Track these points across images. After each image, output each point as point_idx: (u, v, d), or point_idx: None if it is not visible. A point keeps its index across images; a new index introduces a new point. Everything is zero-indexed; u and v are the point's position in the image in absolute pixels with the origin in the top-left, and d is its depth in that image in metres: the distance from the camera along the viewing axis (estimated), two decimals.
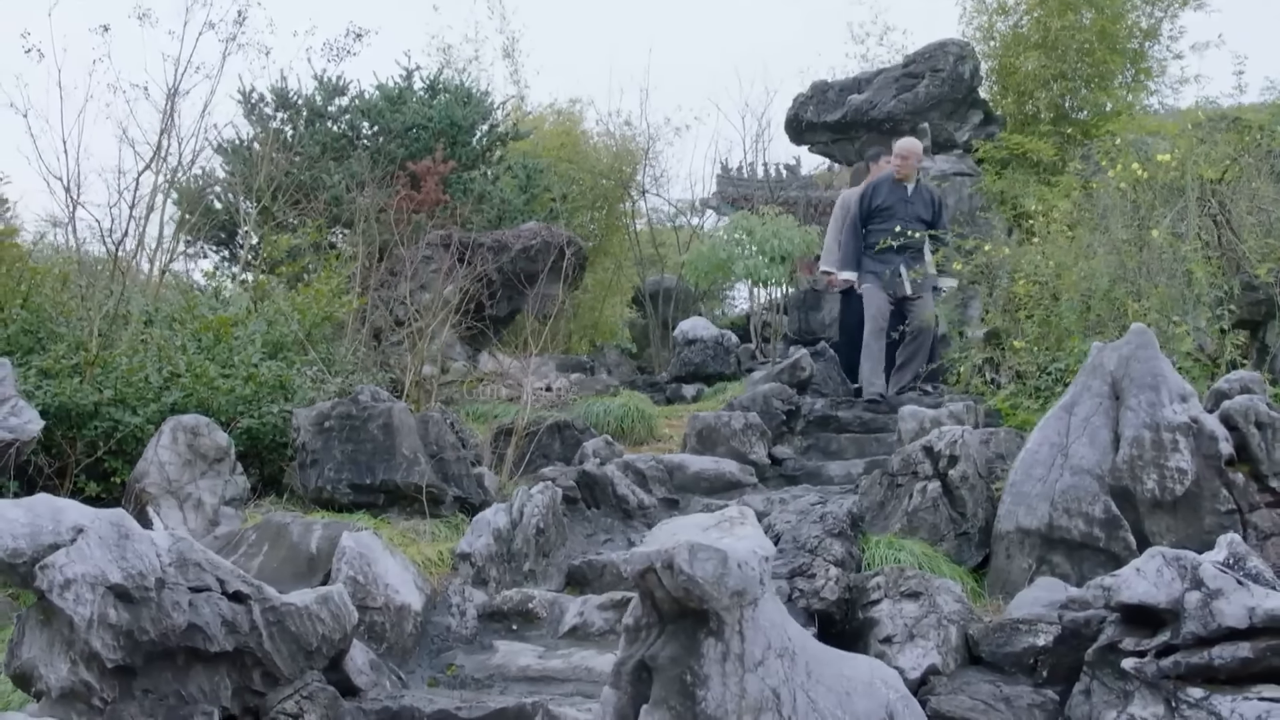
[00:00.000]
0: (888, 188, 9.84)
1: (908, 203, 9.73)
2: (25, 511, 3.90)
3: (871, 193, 9.86)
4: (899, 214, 9.64)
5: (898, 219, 9.56)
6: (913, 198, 9.79)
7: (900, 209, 9.68)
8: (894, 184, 9.84)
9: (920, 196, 9.83)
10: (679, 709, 3.23)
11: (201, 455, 5.95)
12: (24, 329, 7.14)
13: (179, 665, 3.94)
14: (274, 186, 10.93)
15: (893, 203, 9.72)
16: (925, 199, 9.83)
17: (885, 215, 9.66)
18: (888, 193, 9.80)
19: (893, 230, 9.40)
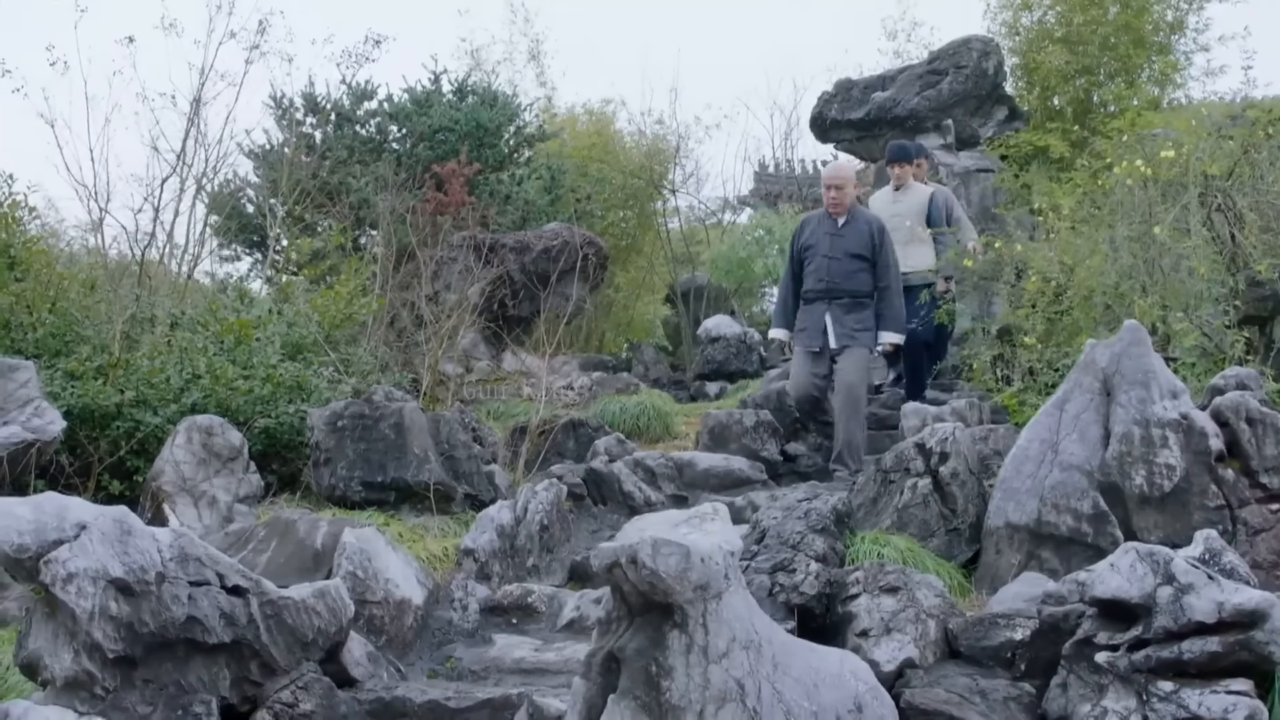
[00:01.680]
0: (815, 222, 8.23)
1: (836, 237, 8.00)
2: (32, 509, 4.06)
3: (800, 230, 8.32)
4: (824, 251, 8.01)
5: (823, 257, 8.01)
6: (844, 230, 8.01)
7: (826, 246, 8.02)
8: (823, 217, 8.20)
9: (854, 229, 8.00)
10: (644, 699, 3.34)
11: (216, 454, 6.12)
12: (51, 333, 7.36)
13: (179, 656, 4.09)
14: (300, 190, 11.13)
15: (818, 240, 8.07)
16: (862, 231, 7.98)
17: (810, 255, 8.10)
18: (814, 228, 8.17)
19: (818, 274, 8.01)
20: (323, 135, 14.06)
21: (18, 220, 7.57)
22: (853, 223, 8.02)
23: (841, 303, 7.88)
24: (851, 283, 7.91)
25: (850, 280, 7.90)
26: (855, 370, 7.82)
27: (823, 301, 7.92)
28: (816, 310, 7.95)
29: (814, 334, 7.93)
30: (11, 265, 7.41)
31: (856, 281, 7.91)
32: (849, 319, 7.84)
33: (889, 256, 7.97)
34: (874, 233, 7.95)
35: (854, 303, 7.89)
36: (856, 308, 7.89)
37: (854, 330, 7.85)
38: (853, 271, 7.90)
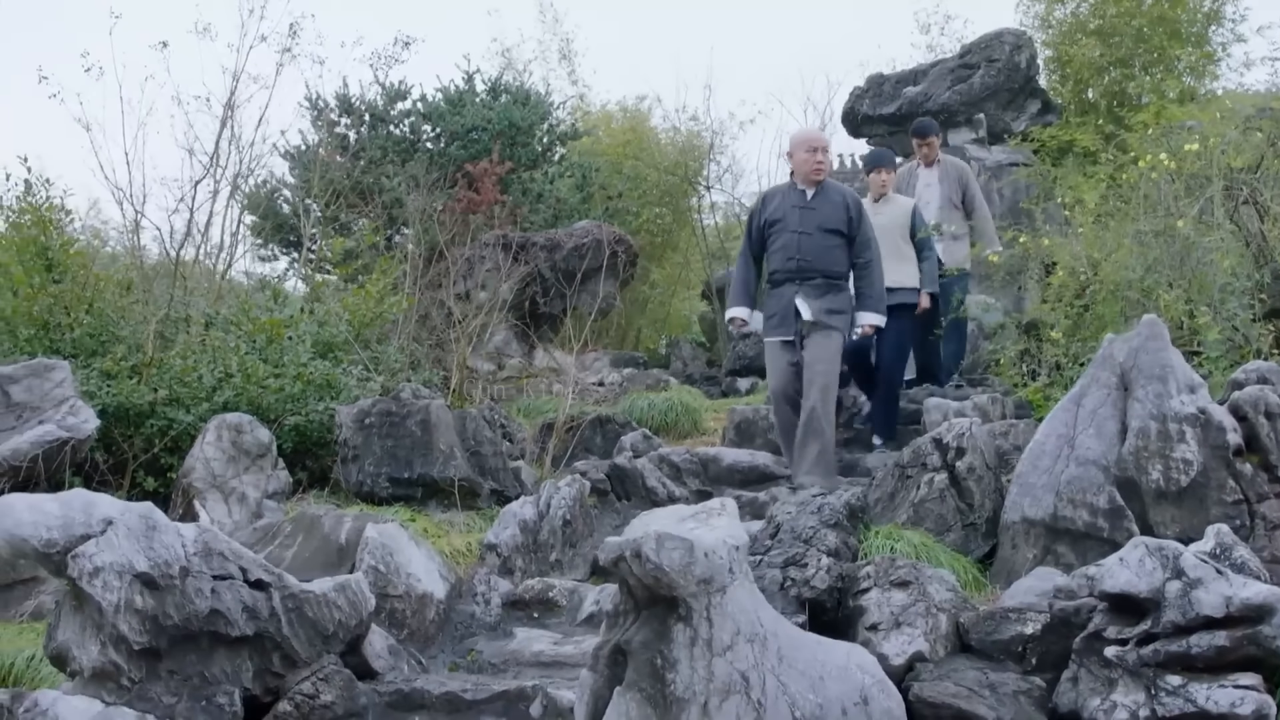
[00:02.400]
0: (781, 195, 7.26)
1: (806, 211, 7.04)
2: (60, 505, 4.18)
3: (760, 205, 7.38)
4: (793, 226, 7.04)
5: (792, 233, 7.04)
6: (815, 203, 7.05)
7: (795, 221, 7.04)
8: (790, 189, 7.24)
9: (827, 202, 7.06)
10: (649, 691, 3.40)
11: (245, 451, 6.24)
12: (89, 333, 7.53)
13: (203, 648, 4.20)
14: (334, 190, 11.27)
15: (785, 214, 7.09)
16: (835, 203, 7.05)
17: (777, 231, 7.11)
18: (780, 202, 7.19)
19: (786, 251, 7.06)
20: (357, 136, 14.24)
21: (54, 223, 7.73)
22: (824, 194, 7.06)
23: (814, 284, 6.91)
24: (825, 261, 6.95)
25: (824, 258, 6.95)
26: (826, 359, 6.85)
27: (792, 283, 6.95)
28: (785, 294, 6.98)
29: (785, 321, 6.97)
30: (49, 268, 7.58)
31: (830, 259, 6.97)
32: (822, 302, 6.90)
33: (867, 230, 7.11)
34: (849, 204, 7.05)
35: (828, 284, 6.95)
36: (831, 289, 6.95)
37: (828, 312, 6.90)
38: (827, 248, 6.96)
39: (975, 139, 12.47)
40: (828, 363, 6.85)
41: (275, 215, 13.64)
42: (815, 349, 6.86)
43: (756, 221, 7.28)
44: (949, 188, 9.11)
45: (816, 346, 6.87)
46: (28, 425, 6.00)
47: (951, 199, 9.05)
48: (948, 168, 9.18)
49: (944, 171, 9.16)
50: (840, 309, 6.95)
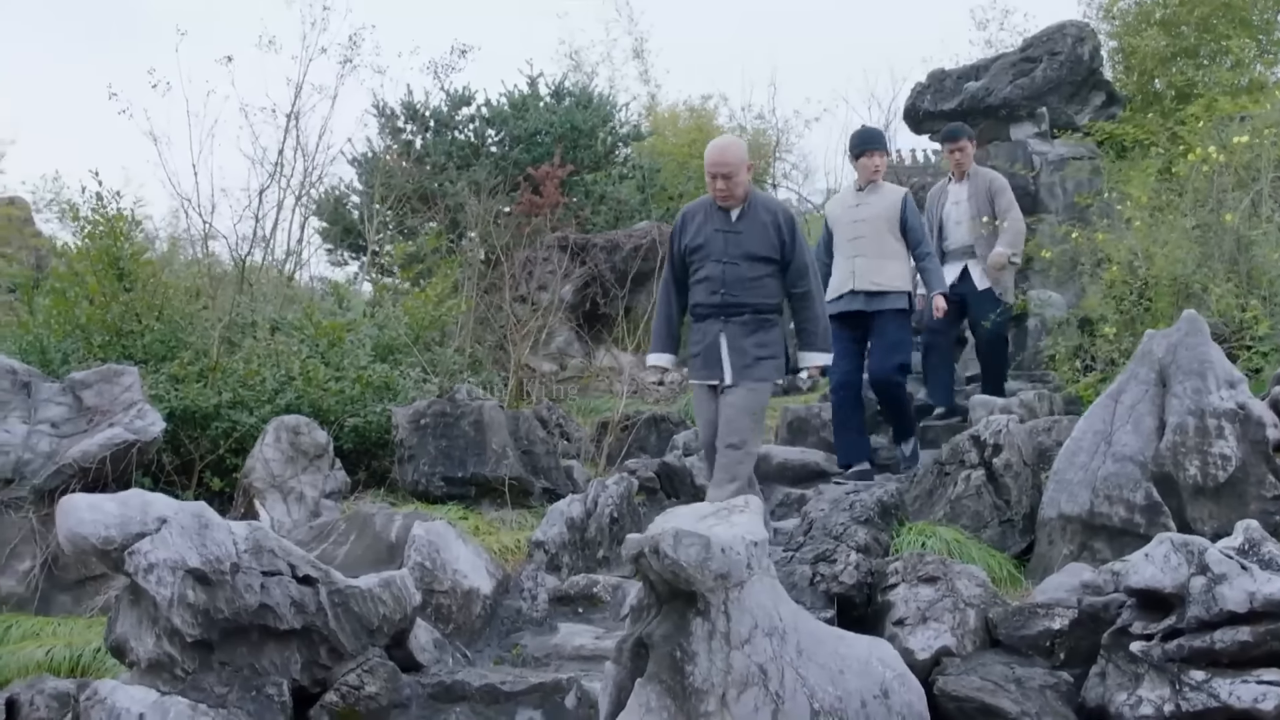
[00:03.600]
0: (702, 215, 6.01)
1: (730, 235, 5.90)
2: (118, 504, 4.39)
3: (680, 227, 6.13)
4: (716, 253, 5.90)
5: (715, 262, 5.90)
6: (741, 225, 5.89)
7: (719, 247, 5.91)
8: (712, 208, 5.97)
9: (754, 223, 5.89)
10: (669, 682, 3.51)
11: (303, 452, 6.44)
12: (159, 339, 7.81)
13: (253, 641, 4.38)
14: (398, 195, 11.52)
15: (707, 238, 5.94)
16: (764, 224, 5.89)
17: (699, 260, 5.97)
18: (700, 224, 5.99)
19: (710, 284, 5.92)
20: (422, 141, 14.51)
21: (124, 234, 8.03)
22: (751, 215, 5.90)
23: (740, 320, 5.82)
24: (753, 293, 5.84)
25: (751, 290, 5.84)
26: (742, 416, 5.73)
27: (716, 319, 5.88)
28: (709, 331, 5.90)
29: (710, 363, 5.90)
30: (121, 276, 7.87)
31: (760, 291, 5.86)
32: (749, 341, 5.81)
33: (804, 254, 5.94)
34: (781, 224, 5.89)
35: (757, 320, 5.84)
36: (760, 326, 5.84)
37: (755, 357, 5.80)
38: (755, 278, 5.85)
39: (1037, 133, 12.37)
40: (741, 419, 5.71)
41: (343, 220, 13.96)
42: (733, 401, 5.76)
43: (677, 245, 6.10)
44: (978, 203, 8.22)
45: (734, 398, 5.76)
46: (98, 428, 6.27)
47: (982, 215, 8.18)
48: (977, 181, 8.31)
49: (973, 187, 8.30)
50: (771, 352, 5.86)
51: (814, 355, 6.03)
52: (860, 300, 7.33)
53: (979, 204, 8.20)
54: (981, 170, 8.45)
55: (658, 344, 6.24)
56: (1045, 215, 11.07)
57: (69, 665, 4.98)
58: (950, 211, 8.40)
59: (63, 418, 6.39)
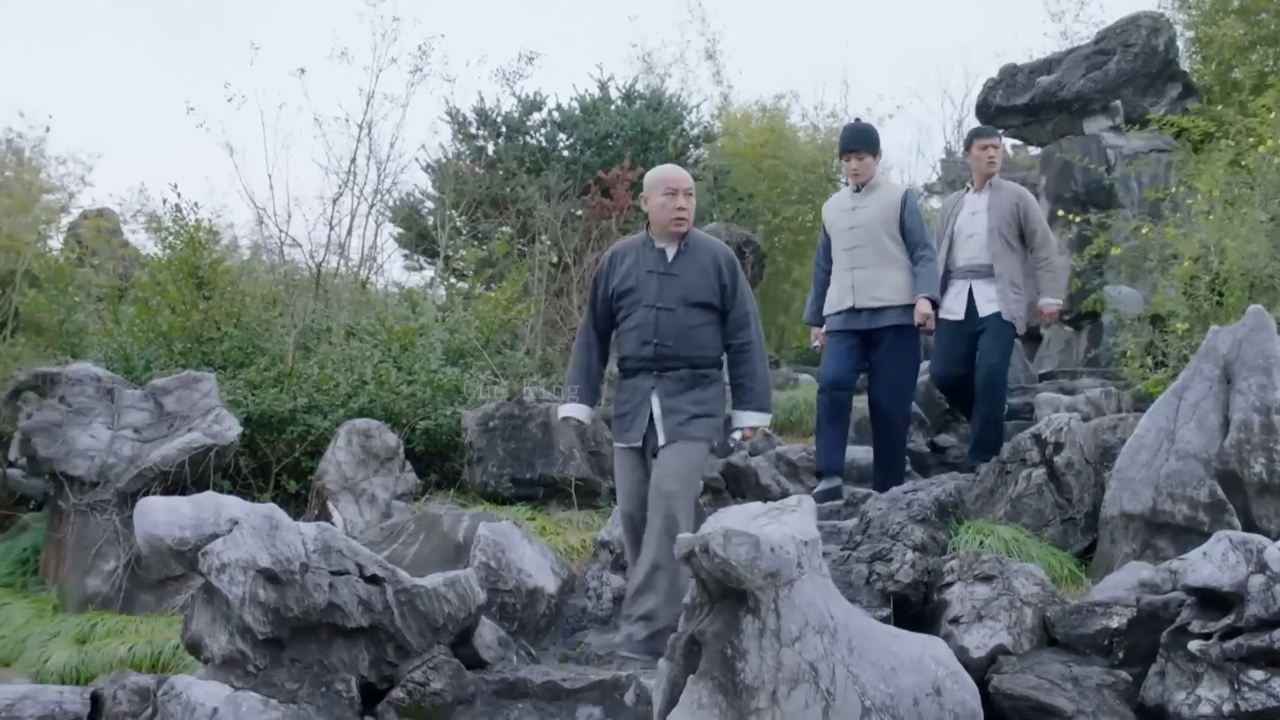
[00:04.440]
0: (634, 255, 5.31)
1: (667, 278, 5.18)
2: (192, 506, 4.56)
3: (607, 267, 5.43)
4: (650, 298, 5.18)
5: (648, 308, 5.18)
6: (678, 266, 5.20)
7: (652, 291, 5.18)
8: (645, 247, 5.29)
9: (693, 265, 5.19)
10: (721, 679, 3.58)
11: (373, 455, 6.60)
12: (236, 345, 8.04)
13: (322, 639, 4.52)
14: (470, 200, 11.70)
15: (638, 281, 5.23)
16: (703, 266, 5.18)
17: (629, 305, 5.25)
18: (632, 264, 5.29)
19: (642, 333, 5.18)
20: (494, 147, 14.71)
21: (203, 244, 8.28)
22: (689, 255, 5.20)
23: (676, 375, 5.12)
24: (690, 344, 5.14)
25: (688, 341, 5.14)
26: (679, 477, 5.00)
27: (648, 374, 5.16)
28: (639, 388, 5.20)
29: (636, 422, 5.19)
30: (200, 285, 8.12)
31: (698, 342, 5.16)
32: (685, 399, 5.12)
33: (745, 302, 5.25)
34: (722, 266, 5.20)
35: (694, 375, 5.15)
36: (697, 382, 5.15)
37: (691, 415, 5.10)
38: (693, 328, 5.14)
39: (1112, 126, 12.20)
40: (677, 480, 4.98)
41: (417, 226, 14.20)
42: (667, 461, 5.04)
43: (602, 289, 5.38)
44: (999, 218, 7.05)
45: (670, 458, 5.04)
46: (177, 433, 6.48)
47: (1001, 232, 7.02)
48: (1002, 195, 7.15)
49: (995, 199, 7.12)
50: (709, 409, 5.15)
51: (750, 415, 5.23)
52: (863, 319, 6.58)
53: (999, 217, 7.05)
54: (1008, 184, 7.29)
55: (572, 393, 5.43)
56: (1119, 210, 10.92)
57: (150, 661, 5.17)
58: (964, 223, 7.20)
59: (144, 423, 6.61)
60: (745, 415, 5.26)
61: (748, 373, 5.23)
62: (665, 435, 5.09)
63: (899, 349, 6.57)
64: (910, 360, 6.65)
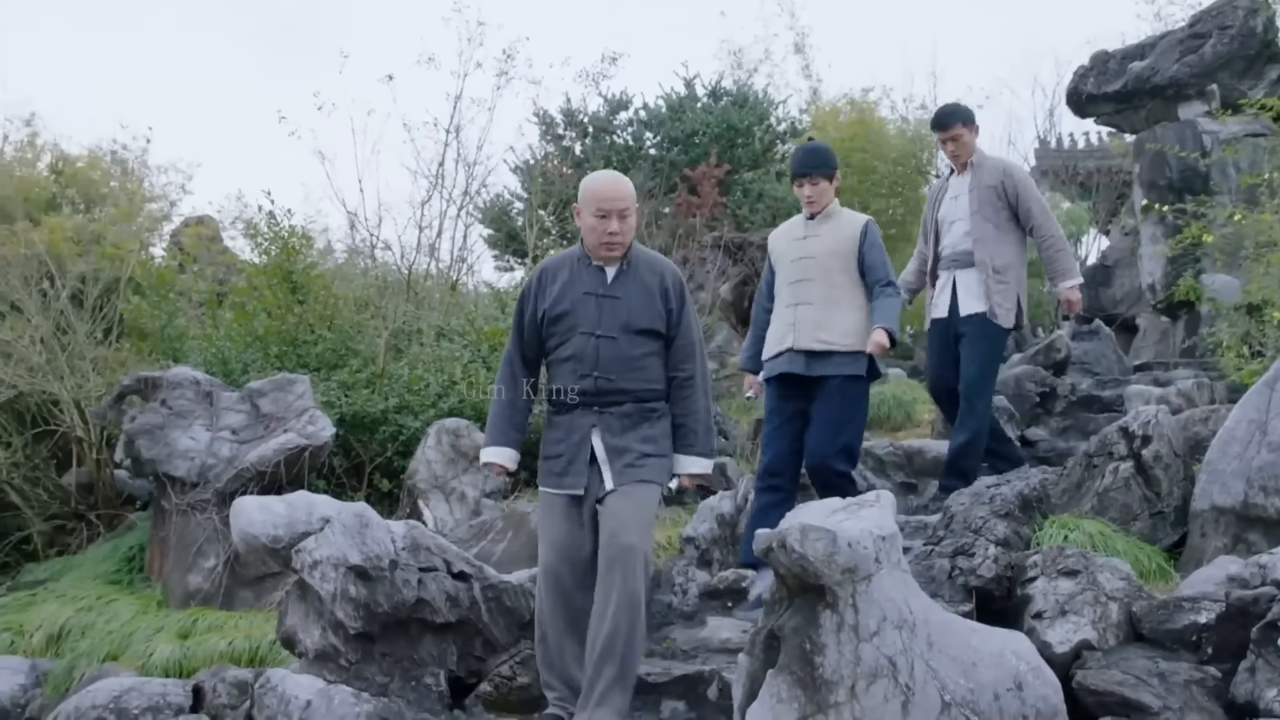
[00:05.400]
0: (567, 273, 4.56)
1: (607, 301, 4.48)
2: (285, 505, 4.71)
3: (535, 286, 4.64)
4: (588, 324, 4.46)
5: (585, 335, 4.45)
6: (619, 288, 4.50)
7: (591, 316, 4.47)
8: (583, 264, 4.55)
9: (635, 286, 4.50)
10: (799, 674, 3.60)
11: (462, 454, 6.73)
12: (329, 348, 8.23)
13: (411, 634, 4.65)
14: (557, 200, 11.83)
15: (574, 304, 4.49)
16: (647, 288, 4.51)
17: (563, 331, 4.50)
18: (565, 284, 4.53)
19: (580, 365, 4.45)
20: (581, 147, 14.87)
21: (296, 250, 8.50)
22: (631, 276, 4.51)
23: (619, 411, 4.43)
24: (634, 376, 4.45)
25: (632, 373, 4.45)
26: (636, 527, 4.30)
27: (587, 410, 4.45)
28: (577, 426, 4.46)
29: (574, 466, 4.43)
30: (294, 290, 8.33)
31: (643, 374, 4.47)
32: (633, 437, 4.42)
33: (691, 329, 4.58)
34: (669, 289, 4.52)
35: (640, 411, 4.46)
36: (644, 418, 4.46)
37: (641, 454, 4.40)
38: (636, 357, 4.45)
39: (1207, 111, 11.92)
40: (634, 529, 4.28)
41: (507, 227, 14.40)
42: (620, 510, 4.31)
43: (529, 310, 4.60)
44: (981, 198, 6.34)
45: (621, 503, 4.33)
46: (273, 434, 6.67)
47: (984, 214, 6.31)
48: (984, 173, 6.40)
49: (976, 178, 6.39)
50: (659, 449, 4.46)
51: (692, 461, 4.50)
52: (800, 362, 5.46)
53: (981, 197, 6.35)
54: (990, 158, 6.57)
55: (494, 435, 4.63)
56: (1217, 197, 10.67)
57: (248, 655, 5.34)
58: (948, 210, 6.55)
59: (242, 424, 6.82)
60: (687, 460, 4.51)
61: (690, 410, 4.50)
62: (613, 479, 4.33)
63: (843, 400, 5.44)
64: (854, 413, 5.51)
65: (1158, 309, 11.34)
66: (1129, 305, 13.00)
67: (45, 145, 13.56)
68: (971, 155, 6.47)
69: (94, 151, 13.70)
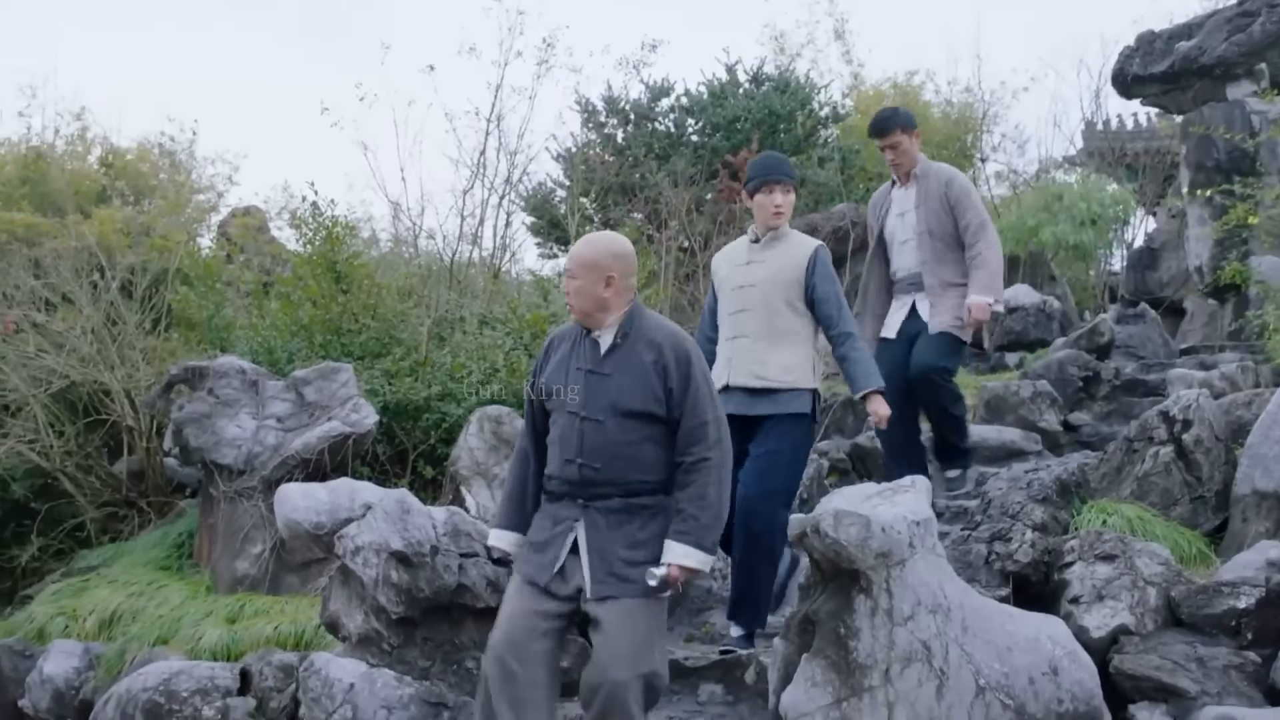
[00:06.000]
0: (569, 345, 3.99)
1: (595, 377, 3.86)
2: (328, 492, 4.81)
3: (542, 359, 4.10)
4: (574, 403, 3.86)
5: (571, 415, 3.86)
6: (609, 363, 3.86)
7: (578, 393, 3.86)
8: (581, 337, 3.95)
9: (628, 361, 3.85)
10: (834, 658, 3.64)
11: (504, 441, 6.78)
12: (374, 336, 8.32)
13: (453, 618, 4.72)
14: (599, 188, 11.87)
15: (564, 379, 3.91)
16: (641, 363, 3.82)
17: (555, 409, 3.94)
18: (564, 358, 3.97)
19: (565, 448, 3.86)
20: (623, 134, 14.90)
21: (340, 239, 8.59)
22: (627, 349, 3.85)
23: (605, 506, 3.77)
24: (624, 466, 3.78)
25: (621, 461, 3.78)
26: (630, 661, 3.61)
27: (571, 502, 3.82)
28: (561, 518, 3.83)
29: (548, 557, 3.79)
30: (338, 279, 8.42)
31: (635, 463, 3.79)
32: (616, 539, 3.73)
33: (704, 408, 3.77)
34: (668, 365, 3.79)
35: (628, 507, 3.77)
36: (631, 516, 3.76)
37: (628, 562, 3.69)
38: (627, 445, 3.79)
39: (1255, 91, 11.75)
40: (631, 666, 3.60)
41: (549, 215, 14.47)
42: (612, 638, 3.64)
43: (533, 385, 4.09)
44: (930, 213, 5.91)
45: (616, 632, 3.64)
46: (318, 422, 6.77)
47: (933, 232, 5.89)
48: (928, 184, 5.95)
49: (922, 191, 5.96)
50: (648, 554, 3.70)
51: (682, 550, 3.65)
52: (736, 400, 4.81)
53: (929, 215, 5.91)
54: (934, 168, 6.04)
55: (500, 516, 4.14)
56: (1265, 178, 10.52)
57: (294, 640, 5.43)
58: (894, 227, 6.09)
59: (287, 413, 6.92)
60: (675, 548, 3.65)
61: (695, 496, 3.70)
62: (593, 587, 3.69)
63: (779, 438, 4.86)
64: (792, 455, 4.92)
65: (1205, 292, 11.21)
66: (1176, 288, 12.84)
67: (95, 139, 13.75)
68: (915, 165, 6.00)
69: (143, 144, 13.90)
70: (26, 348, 8.26)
